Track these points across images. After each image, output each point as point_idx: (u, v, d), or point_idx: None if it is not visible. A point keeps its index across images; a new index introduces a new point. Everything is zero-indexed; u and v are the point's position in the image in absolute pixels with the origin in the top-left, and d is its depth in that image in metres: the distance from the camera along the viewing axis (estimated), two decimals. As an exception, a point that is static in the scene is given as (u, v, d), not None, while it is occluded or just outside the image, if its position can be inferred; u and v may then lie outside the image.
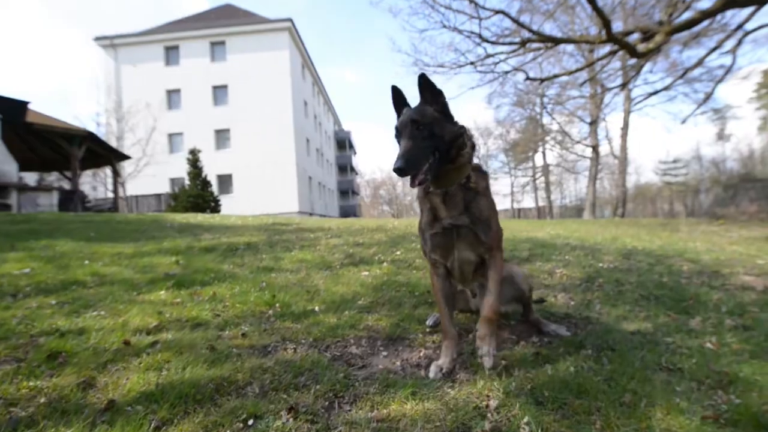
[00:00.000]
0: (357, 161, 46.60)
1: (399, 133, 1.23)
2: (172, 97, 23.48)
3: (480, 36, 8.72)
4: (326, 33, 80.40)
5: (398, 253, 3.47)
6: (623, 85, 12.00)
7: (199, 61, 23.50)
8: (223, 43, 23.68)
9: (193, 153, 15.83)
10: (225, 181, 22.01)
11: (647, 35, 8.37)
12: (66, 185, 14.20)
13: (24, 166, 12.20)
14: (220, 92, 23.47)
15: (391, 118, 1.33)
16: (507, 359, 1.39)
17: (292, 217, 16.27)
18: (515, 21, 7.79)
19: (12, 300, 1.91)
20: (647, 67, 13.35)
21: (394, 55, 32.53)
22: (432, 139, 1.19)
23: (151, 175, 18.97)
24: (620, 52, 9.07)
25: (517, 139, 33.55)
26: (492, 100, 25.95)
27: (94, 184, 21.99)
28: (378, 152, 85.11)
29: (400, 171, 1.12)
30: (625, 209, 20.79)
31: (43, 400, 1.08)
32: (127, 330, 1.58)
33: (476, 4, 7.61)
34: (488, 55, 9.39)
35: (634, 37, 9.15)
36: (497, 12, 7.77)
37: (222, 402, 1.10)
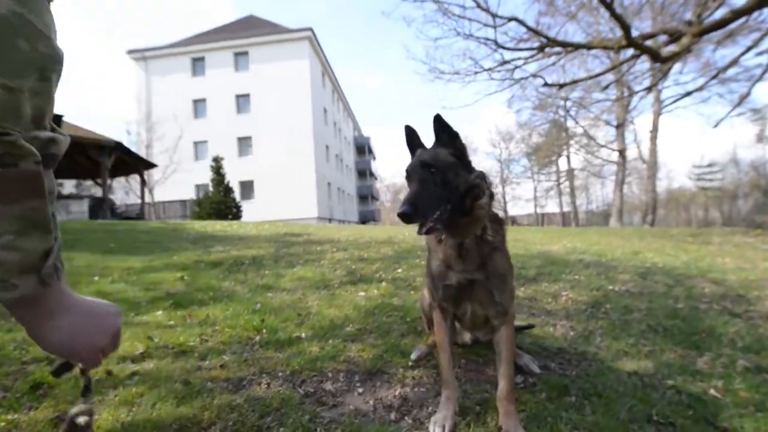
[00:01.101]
0: (376, 166, 46.84)
1: (409, 176, 1.14)
2: (198, 106, 24.41)
3: (496, 42, 8.59)
4: (347, 39, 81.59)
5: (400, 270, 3.43)
6: (649, 89, 11.49)
7: (223, 71, 24.35)
8: (246, 53, 24.45)
9: (217, 160, 16.38)
10: (247, 187, 22.61)
11: (674, 37, 7.99)
12: (99, 192, 14.99)
13: (62, 174, 12.97)
14: (243, 101, 24.21)
15: (411, 122, 1.29)
16: (482, 405, 1.33)
17: (309, 223, 16.48)
18: (530, 29, 7.63)
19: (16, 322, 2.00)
20: (678, 67, 12.73)
21: (411, 61, 32.68)
22: (445, 185, 1.10)
23: (177, 181, 19.77)
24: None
25: (540, 143, 32.77)
26: (512, 105, 25.51)
27: (127, 189, 23.13)
28: (397, 157, 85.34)
29: (405, 217, 1.02)
30: (655, 216, 19.84)
31: (14, 437, 1.12)
32: (112, 357, 1.62)
33: (490, 13, 7.49)
34: (505, 62, 9.23)
35: (662, 39, 8.76)
36: (511, 19, 7.62)
37: (183, 445, 1.11)
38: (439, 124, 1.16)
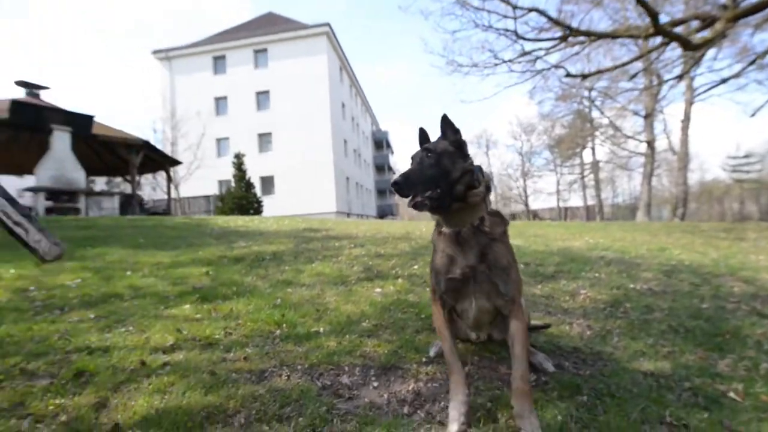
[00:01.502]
0: (394, 161, 46.74)
1: (411, 160, 1.28)
2: (220, 103, 24.99)
3: (516, 33, 8.39)
4: (365, 33, 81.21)
5: (416, 267, 3.46)
6: (680, 77, 10.96)
7: (243, 68, 24.80)
8: (265, 50, 24.79)
9: (238, 157, 16.77)
10: (267, 182, 23.07)
11: (707, 23, 7.59)
12: (128, 189, 15.67)
13: (93, 172, 13.62)
14: (262, 98, 24.61)
15: (427, 117, 1.37)
16: (493, 401, 1.36)
17: (328, 218, 16.68)
18: (551, 19, 7.40)
19: (59, 313, 2.17)
20: (712, 53, 12.04)
21: (429, 55, 32.11)
22: (439, 168, 1.21)
23: (201, 177, 20.38)
24: (675, 42, 8.29)
25: (563, 134, 31.84)
26: (534, 96, 24.84)
27: (154, 185, 24.03)
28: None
29: (397, 186, 1.16)
30: (686, 209, 18.99)
31: (63, 418, 1.24)
32: (146, 348, 1.74)
33: (509, 3, 7.32)
34: (525, 53, 9.01)
35: (694, 25, 8.33)
36: (531, 10, 7.42)
37: (209, 430, 1.20)
38: (445, 122, 1.30)
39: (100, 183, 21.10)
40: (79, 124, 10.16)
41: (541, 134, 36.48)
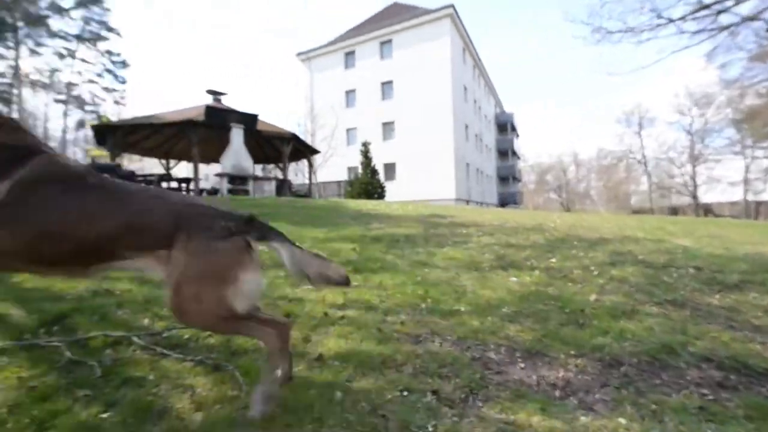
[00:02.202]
0: (519, 145, 43.34)
1: None
2: (349, 96, 27.22)
3: (692, -16, 6.79)
4: (492, 11, 76.18)
5: (553, 260, 3.33)
6: None
7: (370, 61, 26.36)
8: (389, 41, 25.79)
9: (365, 145, 18.15)
10: (390, 169, 24.36)
11: None
12: (279, 174, 18.70)
13: (255, 160, 16.65)
14: (387, 87, 25.81)
15: (562, 95, 1.33)
16: (659, 404, 1.31)
17: (447, 204, 16.77)
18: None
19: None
20: None
21: (564, 28, 28.08)
22: None
23: (334, 164, 22.82)
24: None
25: (758, 105, 24.51)
26: (714, 58, 19.64)
27: (296, 170, 28.04)
28: (544, 134, 76.86)
29: None
30: None
31: (284, 344, 1.71)
32: (324, 304, 2.20)
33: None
34: (704, 6, 7.23)
35: None
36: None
37: (386, 373, 1.50)
38: None
39: (257, 170, 25.68)
40: (249, 122, 12.57)
41: (722, 107, 28.76)
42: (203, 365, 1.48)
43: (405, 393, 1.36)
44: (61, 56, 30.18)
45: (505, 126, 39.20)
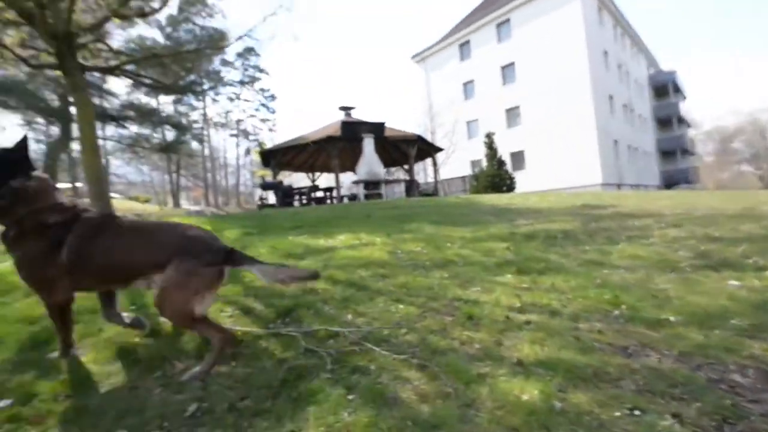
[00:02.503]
0: (687, 109, 34.70)
1: None
2: (467, 88, 26.50)
3: None
4: (631, -49, 63.10)
5: (790, 255, 2.54)
6: None
7: (487, 47, 25.11)
8: (506, 21, 24.05)
9: (489, 136, 17.39)
10: (518, 158, 22.76)
11: None
12: (402, 176, 19.51)
13: (387, 164, 17.74)
14: (507, 71, 24.17)
15: (748, 39, 1.04)
16: None
17: (595, 191, 14.70)
18: None
19: (424, 271, 3.04)
20: None
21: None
22: None
23: (456, 160, 22.60)
24: None
25: None
26: None
27: (418, 170, 28.82)
28: (727, 90, 59.64)
29: None
30: None
31: (476, 346, 1.76)
32: (501, 306, 2.18)
33: None
34: None
35: None
36: None
37: (602, 387, 1.38)
38: None
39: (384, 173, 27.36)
40: (377, 130, 13.51)
41: None
42: (409, 362, 1.63)
43: (636, 412, 1.23)
44: (231, 99, 38.17)
45: (663, 88, 32.02)
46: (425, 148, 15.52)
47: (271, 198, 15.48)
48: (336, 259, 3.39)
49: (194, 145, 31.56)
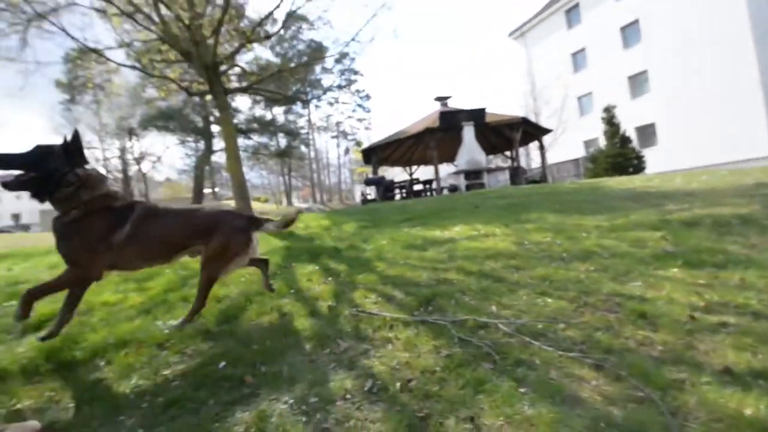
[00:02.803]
0: None
1: None
2: (577, 58, 23.53)
3: None
4: None
5: None
6: None
7: (601, 8, 21.83)
8: (629, -29, 20.48)
9: (608, 110, 15.25)
10: (646, 133, 19.41)
11: None
12: (500, 163, 18.37)
13: (488, 152, 16.99)
14: (629, 31, 20.66)
15: None
16: None
17: (756, 165, 11.73)
18: None
19: (562, 263, 2.81)
20: None
21: None
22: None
23: (565, 141, 20.37)
24: None
25: None
26: None
27: (522, 155, 26.83)
28: None
29: None
30: None
31: (654, 351, 1.54)
32: (677, 305, 1.88)
33: None
34: None
35: None
36: None
37: None
38: None
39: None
40: (478, 116, 12.97)
41: None
42: (580, 361, 1.52)
43: None
44: (330, 104, 41.12)
45: None
46: (531, 131, 14.33)
47: (372, 193, 16.26)
48: (459, 250, 3.38)
49: (302, 148, 35.02)
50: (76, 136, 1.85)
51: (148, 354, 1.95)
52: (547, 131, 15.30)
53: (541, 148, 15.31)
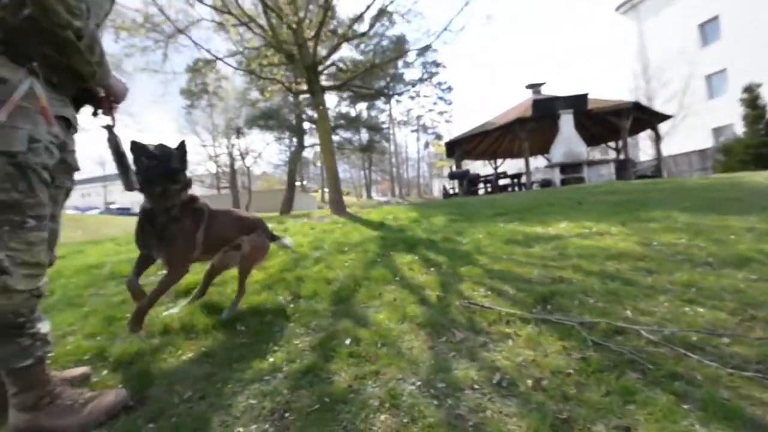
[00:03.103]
0: None
1: None
2: (707, 29, 19.79)
3: None
4: None
5: None
6: None
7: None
8: None
9: (750, 90, 12.66)
10: (803, 116, 15.55)
11: None
12: (598, 155, 16.35)
13: (590, 143, 15.38)
14: (785, -10, 16.64)
15: None
16: None
17: None
18: None
19: (710, 269, 2.40)
20: None
21: None
22: None
23: (685, 129, 17.39)
24: None
25: None
26: None
27: (630, 145, 23.66)
28: None
29: None
30: None
31: None
32: None
33: None
34: None
35: None
36: None
37: None
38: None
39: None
40: (579, 103, 11.76)
41: None
42: (761, 382, 1.28)
43: None
44: (412, 98, 41.11)
45: None
46: (644, 118, 12.51)
47: (455, 187, 15.88)
48: (570, 248, 3.12)
49: (383, 143, 35.81)
50: (183, 143, 2.08)
51: (279, 325, 2.18)
52: (665, 117, 13.20)
53: (657, 137, 13.28)
